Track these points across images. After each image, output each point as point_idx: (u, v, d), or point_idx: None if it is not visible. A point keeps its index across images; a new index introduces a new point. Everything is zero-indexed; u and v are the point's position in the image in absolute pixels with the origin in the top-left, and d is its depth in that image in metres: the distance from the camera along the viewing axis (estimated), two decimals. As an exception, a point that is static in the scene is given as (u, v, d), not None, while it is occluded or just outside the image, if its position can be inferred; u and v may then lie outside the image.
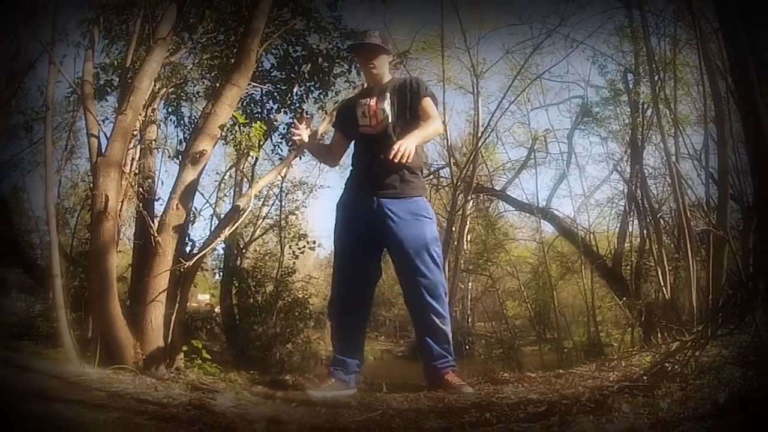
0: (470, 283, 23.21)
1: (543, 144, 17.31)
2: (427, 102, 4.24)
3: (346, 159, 4.79)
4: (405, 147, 3.74)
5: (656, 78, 10.63)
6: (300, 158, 7.28)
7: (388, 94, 4.27)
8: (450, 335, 4.16)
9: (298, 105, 7.48)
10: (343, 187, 4.49)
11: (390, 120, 4.21)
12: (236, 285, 11.60)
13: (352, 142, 4.50)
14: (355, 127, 4.34)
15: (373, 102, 4.27)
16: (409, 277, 4.09)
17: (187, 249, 5.21)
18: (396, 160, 3.75)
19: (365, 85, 4.66)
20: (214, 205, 12.08)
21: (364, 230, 4.17)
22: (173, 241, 4.66)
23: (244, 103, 7.09)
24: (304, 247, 12.31)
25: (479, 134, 15.41)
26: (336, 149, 4.65)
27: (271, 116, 7.36)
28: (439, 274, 4.13)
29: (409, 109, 4.25)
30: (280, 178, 11.52)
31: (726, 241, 6.34)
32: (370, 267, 4.28)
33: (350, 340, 4.16)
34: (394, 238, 4.07)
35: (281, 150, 7.84)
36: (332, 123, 4.94)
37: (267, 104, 7.49)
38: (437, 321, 4.05)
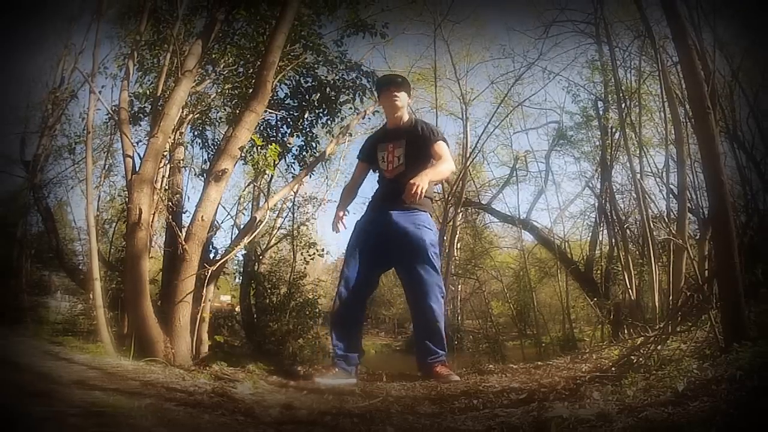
0: (460, 286, 23.07)
1: (524, 163, 17.27)
2: (440, 145, 4.29)
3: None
4: (418, 186, 3.78)
5: (623, 105, 10.69)
6: (310, 176, 7.30)
7: (404, 142, 4.34)
8: (443, 332, 4.17)
9: (308, 129, 7.49)
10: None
11: (404, 168, 4.28)
12: (254, 287, 11.55)
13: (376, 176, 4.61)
14: (377, 166, 4.48)
15: (391, 147, 4.37)
16: (410, 279, 4.15)
17: (211, 255, 5.23)
18: (410, 200, 3.81)
19: (387, 125, 4.67)
20: (234, 217, 12.03)
21: (374, 243, 4.23)
22: (198, 248, 4.67)
23: (261, 128, 7.09)
24: (314, 254, 12.24)
25: (468, 155, 15.42)
26: (358, 176, 4.72)
27: (285, 139, 7.36)
28: (436, 276, 4.14)
29: (422, 155, 4.28)
30: (292, 194, 11.43)
31: (684, 249, 6.34)
32: (373, 278, 4.34)
33: (351, 338, 4.17)
34: (398, 245, 4.14)
35: (294, 169, 7.83)
36: (358, 155, 4.92)
37: (281, 129, 7.50)
38: (433, 320, 4.07)
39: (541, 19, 13.95)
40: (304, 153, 7.59)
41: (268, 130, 7.43)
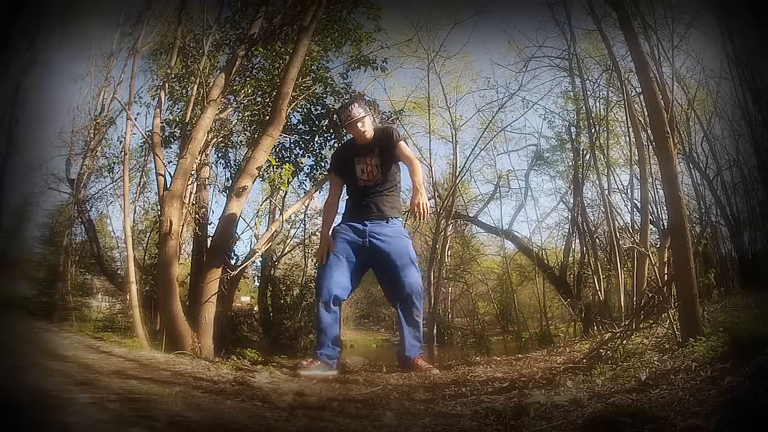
0: (450, 288, 22.97)
1: (506, 181, 17.16)
2: (403, 146, 4.26)
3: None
4: (425, 203, 3.85)
5: (593, 130, 10.69)
6: (319, 192, 7.31)
7: (377, 150, 4.25)
8: (422, 327, 4.16)
9: (318, 151, 7.52)
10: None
11: (381, 175, 4.23)
12: (270, 289, 11.54)
13: (347, 189, 4.45)
14: (354, 179, 4.29)
15: (369, 160, 4.24)
16: (397, 280, 4.07)
17: (233, 262, 5.21)
18: (423, 217, 3.82)
19: (355, 141, 4.42)
20: (253, 228, 12.03)
21: (352, 251, 4.13)
22: (222, 255, 4.68)
23: (277, 150, 7.12)
24: (323, 260, 12.25)
25: (457, 173, 15.36)
26: (337, 191, 4.50)
27: (298, 160, 7.38)
28: (419, 276, 4.15)
29: (391, 159, 4.26)
30: (304, 207, 11.48)
31: (646, 256, 6.33)
32: (350, 282, 4.14)
33: (333, 335, 4.05)
34: (382, 252, 4.08)
35: (305, 186, 7.88)
36: (329, 168, 4.83)
37: (294, 150, 7.52)
38: (416, 314, 4.07)
39: (521, 55, 13.93)
40: (314, 172, 7.62)
41: (283, 151, 7.46)
